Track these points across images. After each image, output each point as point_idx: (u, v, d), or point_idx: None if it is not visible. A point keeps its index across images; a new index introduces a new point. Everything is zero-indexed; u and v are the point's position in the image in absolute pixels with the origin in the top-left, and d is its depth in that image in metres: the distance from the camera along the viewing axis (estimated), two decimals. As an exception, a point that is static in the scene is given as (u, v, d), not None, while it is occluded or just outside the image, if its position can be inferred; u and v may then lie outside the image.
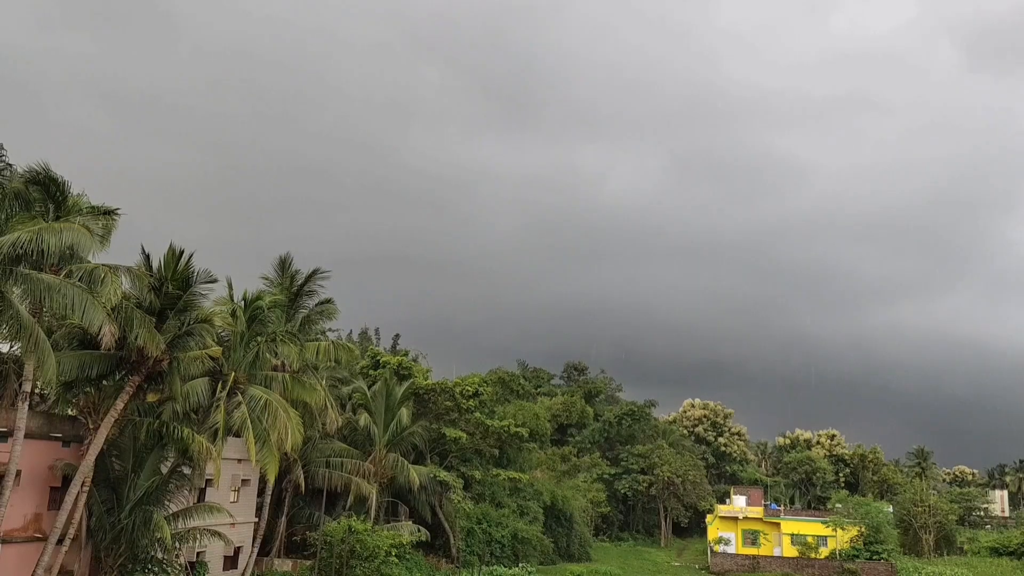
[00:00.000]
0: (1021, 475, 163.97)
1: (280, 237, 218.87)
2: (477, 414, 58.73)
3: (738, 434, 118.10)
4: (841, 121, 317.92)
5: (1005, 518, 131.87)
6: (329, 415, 43.26)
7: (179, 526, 32.40)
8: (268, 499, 43.04)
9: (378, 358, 60.10)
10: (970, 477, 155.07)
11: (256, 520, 42.98)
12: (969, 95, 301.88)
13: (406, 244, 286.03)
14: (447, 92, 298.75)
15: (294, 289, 43.74)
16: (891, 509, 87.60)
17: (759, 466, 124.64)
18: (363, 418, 51.19)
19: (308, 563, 43.95)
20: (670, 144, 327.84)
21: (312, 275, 44.02)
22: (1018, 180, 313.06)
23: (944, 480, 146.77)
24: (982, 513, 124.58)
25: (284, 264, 44.88)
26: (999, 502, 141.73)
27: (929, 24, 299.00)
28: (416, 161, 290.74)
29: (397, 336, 79.56)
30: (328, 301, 44.39)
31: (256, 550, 42.31)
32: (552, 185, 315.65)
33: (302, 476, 44.69)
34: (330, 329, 55.50)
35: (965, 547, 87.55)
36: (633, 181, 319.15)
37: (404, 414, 52.87)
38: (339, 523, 42.71)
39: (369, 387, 53.89)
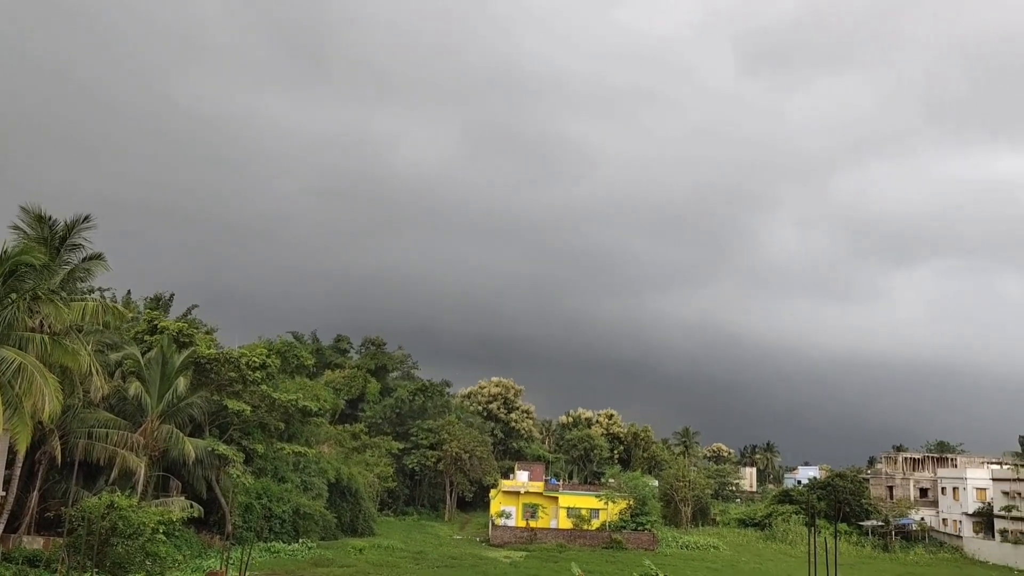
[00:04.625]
0: (768, 455, 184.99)
1: (35, 178, 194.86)
2: (263, 386, 56.62)
3: (526, 412, 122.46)
4: (629, 112, 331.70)
5: (752, 492, 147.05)
6: (94, 382, 39.80)
7: (-97, 501, 28.76)
8: (18, 471, 39.18)
9: (156, 323, 56.05)
10: (726, 454, 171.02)
11: (3, 494, 39.05)
12: (743, 101, 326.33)
13: (180, 196, 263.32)
14: (228, 30, 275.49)
15: (55, 242, 39.27)
16: (656, 484, 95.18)
17: (543, 443, 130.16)
18: (134, 387, 47.66)
19: (62, 541, 40.53)
20: (465, 115, 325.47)
21: (75, 225, 38.69)
22: (775, 183, 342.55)
23: (704, 457, 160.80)
24: (734, 488, 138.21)
25: (31, 211, 38.52)
26: (748, 478, 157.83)
27: (712, 31, 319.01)
28: (193, 104, 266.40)
29: (193, 307, 73.85)
30: (98, 256, 40.37)
31: (2, 526, 38.53)
32: (343, 147, 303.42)
33: (59, 447, 40.90)
34: (103, 289, 51.19)
35: (718, 519, 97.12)
36: (427, 150, 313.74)
37: (182, 384, 49.85)
38: (100, 498, 39.60)
39: (144, 354, 50.25)
